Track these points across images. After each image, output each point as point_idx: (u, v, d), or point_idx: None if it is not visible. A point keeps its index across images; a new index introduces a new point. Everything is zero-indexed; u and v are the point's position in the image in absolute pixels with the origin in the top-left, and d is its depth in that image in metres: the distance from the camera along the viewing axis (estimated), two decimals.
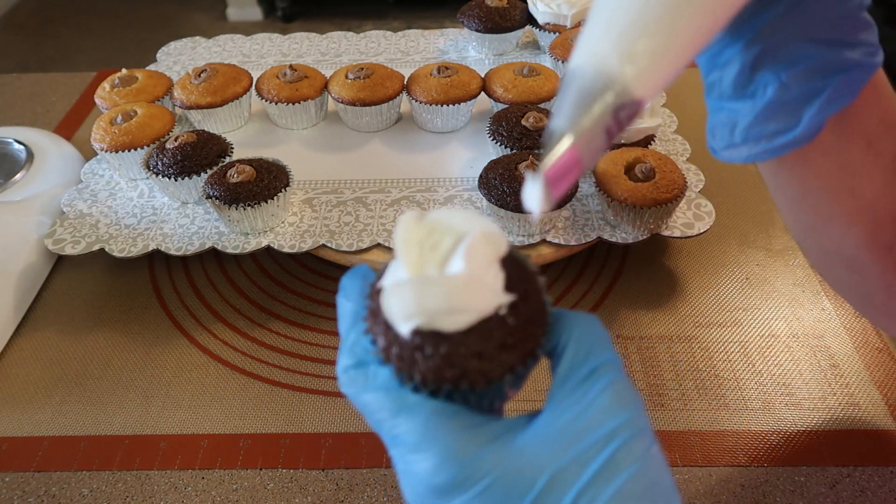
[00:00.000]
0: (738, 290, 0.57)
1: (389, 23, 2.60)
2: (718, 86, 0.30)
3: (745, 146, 0.30)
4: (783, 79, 0.28)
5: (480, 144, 0.65)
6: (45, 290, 0.60)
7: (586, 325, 0.24)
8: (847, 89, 0.28)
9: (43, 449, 0.48)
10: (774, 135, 0.29)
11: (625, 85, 0.22)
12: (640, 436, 0.22)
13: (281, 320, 0.56)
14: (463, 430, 0.23)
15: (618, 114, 0.22)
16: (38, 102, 0.86)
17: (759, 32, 0.28)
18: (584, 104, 0.22)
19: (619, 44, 0.22)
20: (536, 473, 0.21)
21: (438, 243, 0.23)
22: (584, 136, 0.22)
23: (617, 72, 0.22)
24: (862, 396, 0.48)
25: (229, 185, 0.53)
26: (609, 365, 0.23)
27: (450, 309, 0.22)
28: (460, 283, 0.22)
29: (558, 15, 0.75)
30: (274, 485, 0.45)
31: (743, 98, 0.29)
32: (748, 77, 0.29)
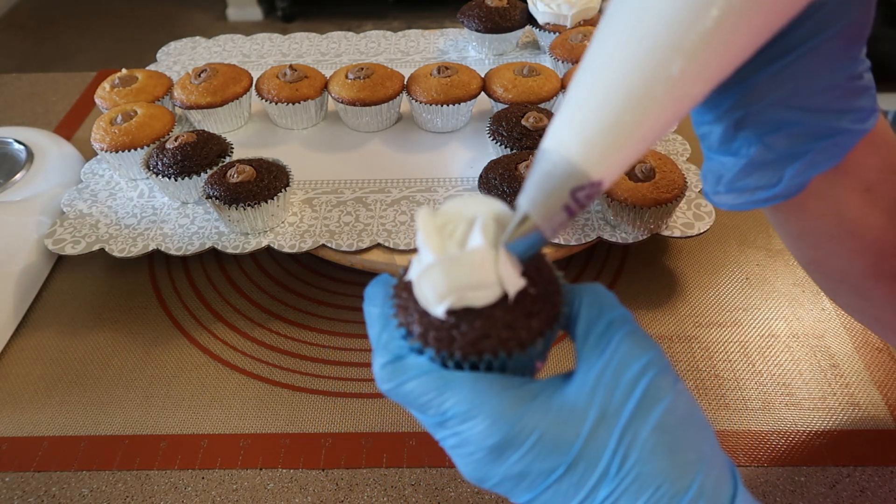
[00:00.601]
0: (738, 290, 0.57)
1: (389, 23, 2.60)
2: (707, 139, 0.31)
3: (729, 196, 0.31)
4: (765, 141, 0.28)
5: (480, 144, 0.65)
6: (45, 290, 0.60)
7: (593, 290, 0.27)
8: (831, 154, 0.28)
9: (43, 449, 0.48)
10: (755, 190, 0.30)
11: (583, 170, 0.24)
12: (665, 372, 0.24)
13: (281, 320, 0.56)
14: (507, 391, 0.24)
15: (575, 194, 0.24)
16: (38, 102, 0.86)
17: (742, 99, 0.28)
18: (545, 185, 0.24)
19: (579, 133, 0.24)
20: (581, 421, 0.23)
21: (454, 230, 0.25)
22: (545, 213, 0.24)
23: (575, 159, 0.24)
24: (862, 396, 0.48)
25: (229, 185, 0.53)
26: (622, 317, 0.25)
27: (478, 283, 0.24)
28: (481, 257, 0.24)
29: (558, 15, 0.75)
30: (274, 485, 0.45)
31: (728, 153, 0.30)
32: (732, 136, 0.29)
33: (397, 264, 0.53)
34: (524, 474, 0.24)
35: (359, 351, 0.54)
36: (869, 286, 0.32)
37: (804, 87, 0.27)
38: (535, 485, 0.24)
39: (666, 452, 0.23)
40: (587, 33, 0.71)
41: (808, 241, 0.33)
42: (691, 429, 0.24)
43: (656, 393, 0.23)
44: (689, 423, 0.24)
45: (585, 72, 0.25)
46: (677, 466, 0.23)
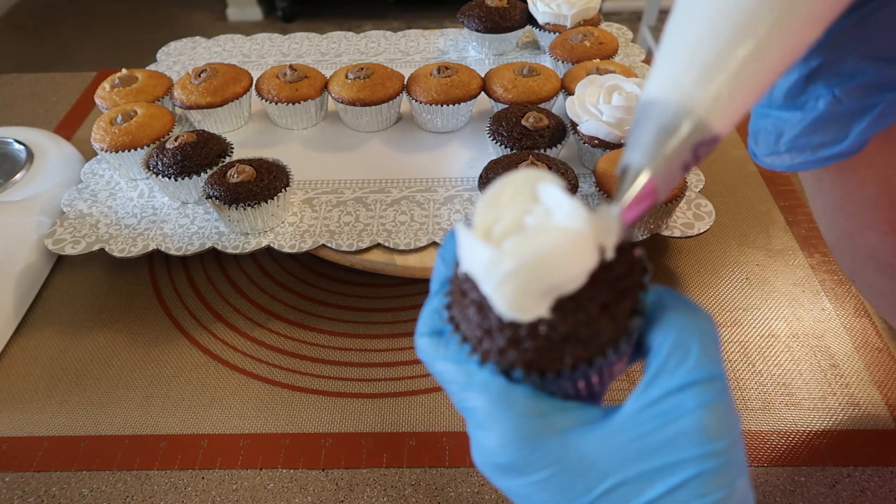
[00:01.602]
0: (738, 290, 0.57)
1: (389, 23, 2.60)
2: (771, 93, 0.30)
3: (789, 155, 0.30)
4: (837, 93, 0.28)
5: (480, 144, 0.65)
6: (45, 290, 0.60)
7: (693, 323, 0.21)
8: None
9: (43, 449, 0.48)
10: (820, 147, 0.29)
11: (707, 122, 0.21)
12: (724, 470, 0.20)
13: (281, 320, 0.56)
14: (528, 417, 0.22)
15: (697, 150, 0.22)
16: (38, 102, 0.86)
17: (822, 47, 0.27)
18: (663, 139, 0.22)
19: (702, 79, 0.21)
20: (597, 479, 0.21)
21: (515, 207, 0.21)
22: (663, 170, 0.22)
23: (700, 108, 0.21)
24: (862, 396, 0.48)
25: (229, 185, 0.53)
26: (709, 383, 0.20)
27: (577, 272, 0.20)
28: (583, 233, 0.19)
29: (558, 15, 0.75)
30: (274, 485, 0.45)
31: (793, 108, 0.29)
32: (801, 88, 0.29)
33: (397, 264, 0.53)
34: (526, 497, 0.22)
35: (359, 351, 0.54)
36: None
37: (885, 37, 0.26)
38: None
39: None
40: (587, 33, 0.71)
41: (847, 211, 0.33)
42: None
43: (696, 491, 0.20)
44: None
45: (692, 16, 0.22)
46: None
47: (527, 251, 0.19)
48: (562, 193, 0.20)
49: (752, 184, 0.67)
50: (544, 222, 0.20)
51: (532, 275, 0.19)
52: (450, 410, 0.49)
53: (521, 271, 0.19)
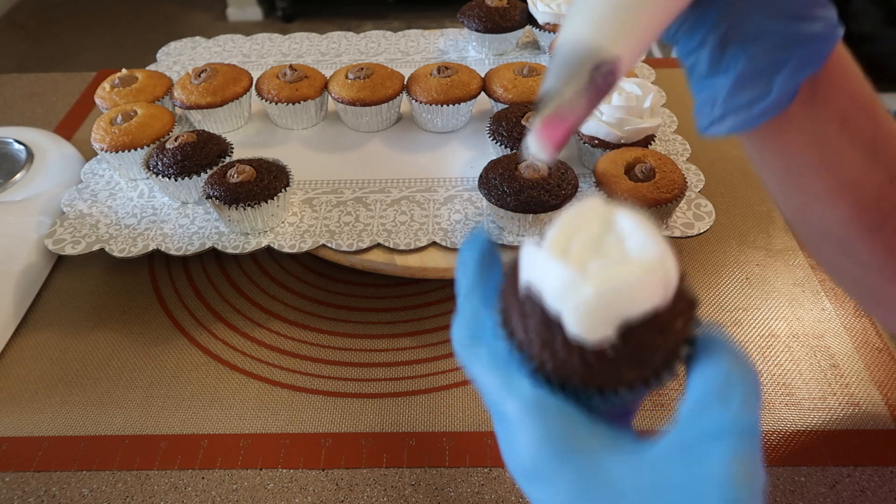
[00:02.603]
0: (738, 290, 0.57)
1: (389, 23, 2.60)
2: (696, 68, 0.32)
3: (727, 119, 0.32)
4: (750, 52, 0.30)
5: (480, 144, 0.65)
6: (45, 290, 0.60)
7: (740, 370, 0.21)
8: (812, 57, 0.29)
9: (43, 449, 0.48)
10: (751, 103, 0.31)
11: (599, 46, 0.25)
12: None
13: (281, 320, 0.56)
14: (562, 428, 0.22)
15: (596, 70, 0.25)
16: (38, 102, 0.86)
17: (723, 12, 0.30)
18: (566, 67, 0.25)
19: (588, 19, 0.26)
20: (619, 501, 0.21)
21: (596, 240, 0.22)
22: (570, 91, 0.25)
23: (590, 39, 0.25)
24: (862, 396, 0.48)
25: (229, 185, 0.53)
26: (746, 435, 0.20)
27: (645, 300, 0.21)
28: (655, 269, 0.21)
29: (558, 15, 0.75)
30: (274, 485, 0.45)
31: (718, 74, 0.31)
32: (719, 55, 0.31)
33: (397, 264, 0.53)
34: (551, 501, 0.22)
35: (359, 351, 0.54)
36: (851, 238, 0.33)
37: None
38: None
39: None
40: None
41: (792, 184, 0.34)
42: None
43: None
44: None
45: None
46: None
47: (608, 281, 0.20)
48: (638, 223, 0.22)
49: (752, 184, 0.67)
50: (622, 251, 0.21)
51: (609, 303, 0.20)
52: (450, 410, 0.49)
53: (600, 299, 0.20)
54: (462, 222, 0.56)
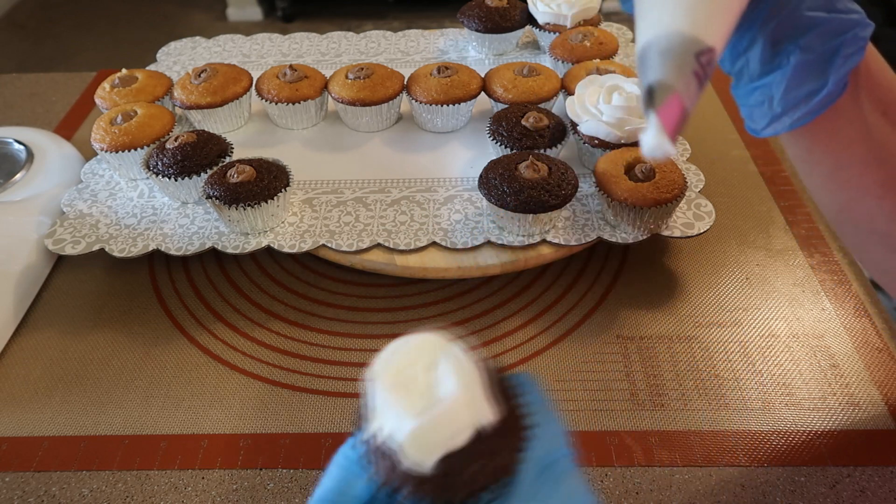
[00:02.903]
0: (738, 290, 0.57)
1: (389, 23, 2.60)
2: (746, 70, 0.33)
3: (787, 114, 0.33)
4: (801, 45, 0.31)
5: (480, 144, 0.65)
6: (45, 290, 0.60)
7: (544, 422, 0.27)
8: (858, 45, 0.31)
9: (43, 449, 0.48)
10: (809, 96, 0.32)
11: (697, 37, 0.26)
12: None
13: (281, 320, 0.56)
14: None
15: (699, 58, 0.26)
16: (38, 102, 0.86)
17: (770, 10, 0.31)
18: (670, 58, 0.26)
19: (678, 10, 0.27)
20: None
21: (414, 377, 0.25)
22: (680, 79, 0.26)
23: (686, 29, 0.26)
24: (862, 396, 0.48)
25: (229, 185, 0.53)
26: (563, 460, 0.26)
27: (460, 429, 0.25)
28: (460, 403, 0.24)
29: (558, 15, 0.75)
30: (274, 485, 0.45)
31: (772, 71, 0.32)
32: (771, 53, 0.32)
33: (397, 264, 0.53)
34: None
35: (359, 351, 0.54)
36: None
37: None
38: None
39: None
40: (587, 33, 0.71)
41: (841, 179, 0.35)
42: None
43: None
44: None
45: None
46: None
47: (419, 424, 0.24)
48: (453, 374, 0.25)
49: (752, 184, 0.67)
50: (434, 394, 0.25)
51: (424, 440, 0.24)
52: None
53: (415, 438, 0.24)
54: (462, 222, 0.56)
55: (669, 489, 0.44)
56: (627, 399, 0.49)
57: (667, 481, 0.44)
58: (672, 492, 0.43)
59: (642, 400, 0.49)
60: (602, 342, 0.53)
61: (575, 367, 0.51)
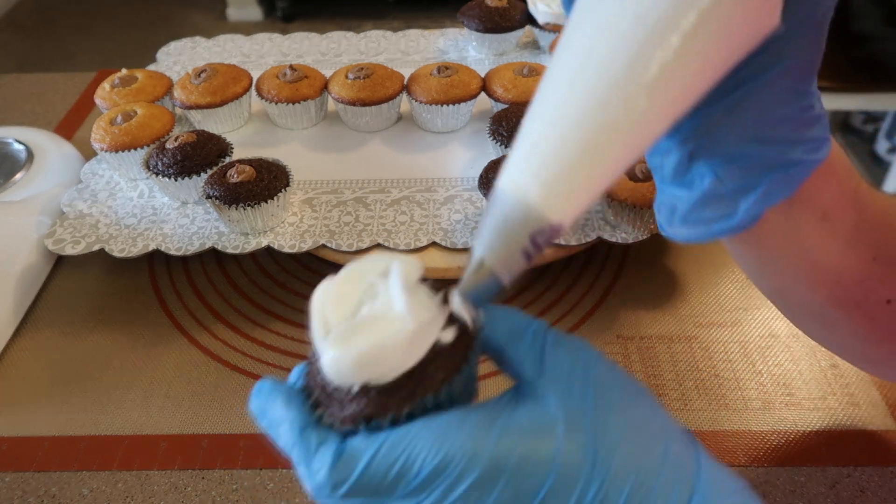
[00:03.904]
0: (738, 290, 0.57)
1: (389, 23, 2.60)
2: (660, 170, 0.30)
3: (684, 228, 0.30)
4: (718, 173, 0.28)
5: (480, 144, 0.65)
6: (45, 290, 0.60)
7: (499, 312, 0.27)
8: (785, 185, 0.27)
9: (43, 449, 0.48)
10: (711, 221, 0.29)
11: (542, 214, 0.23)
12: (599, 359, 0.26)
13: (281, 320, 0.56)
14: (466, 422, 0.24)
15: (535, 238, 0.24)
16: (38, 102, 0.86)
17: (696, 131, 0.27)
18: (502, 230, 0.24)
19: (537, 175, 0.23)
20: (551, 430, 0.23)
21: (349, 295, 0.25)
22: (503, 259, 0.24)
23: (534, 202, 0.23)
24: (862, 396, 0.48)
25: (229, 185, 0.53)
26: (540, 327, 0.27)
27: (407, 353, 0.24)
28: (409, 332, 0.23)
29: (558, 15, 0.75)
30: (274, 485, 0.45)
31: (681, 186, 0.29)
32: (685, 167, 0.29)
33: None
34: (517, 495, 0.23)
35: None
36: (831, 316, 0.32)
37: (756, 120, 0.26)
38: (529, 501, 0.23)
39: (635, 431, 0.24)
40: None
41: (768, 272, 0.33)
42: (644, 401, 0.25)
43: (606, 381, 0.25)
44: (640, 396, 0.25)
45: (542, 104, 0.24)
46: (647, 440, 0.24)
47: (356, 347, 0.23)
48: (400, 289, 0.24)
49: None
50: (382, 314, 0.24)
51: (364, 365, 0.23)
52: None
53: (355, 363, 0.23)
54: (462, 222, 0.56)
55: None
56: None
57: None
58: None
59: None
60: (602, 342, 0.53)
61: None
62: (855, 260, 0.30)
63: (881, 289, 0.30)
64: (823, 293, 0.31)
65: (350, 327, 0.24)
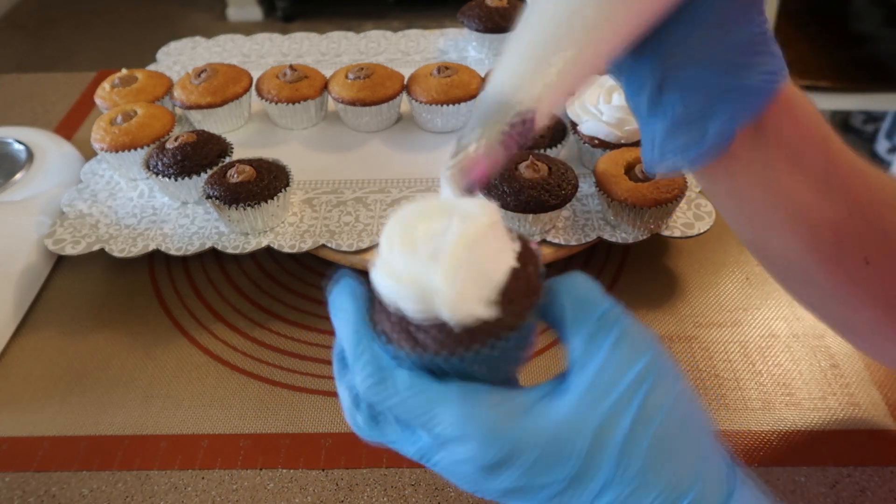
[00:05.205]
0: (738, 290, 0.57)
1: (389, 23, 2.60)
2: (638, 110, 0.32)
3: (665, 160, 0.32)
4: (684, 100, 0.30)
5: None
6: (45, 290, 0.60)
7: (574, 282, 0.27)
8: (746, 108, 0.29)
9: (43, 449, 0.48)
10: (685, 148, 0.31)
11: (514, 100, 0.27)
12: (664, 375, 0.24)
13: (281, 320, 0.56)
14: (499, 406, 0.24)
15: (513, 124, 0.27)
16: (38, 102, 0.86)
17: (658, 62, 0.30)
18: (483, 120, 0.27)
19: (509, 71, 0.28)
20: (578, 437, 0.23)
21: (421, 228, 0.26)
22: (483, 146, 0.27)
23: (508, 92, 0.27)
24: (862, 396, 0.48)
25: (229, 185, 0.53)
26: (612, 315, 0.25)
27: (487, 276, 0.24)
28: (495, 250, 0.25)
29: None
30: (274, 485, 0.45)
31: (655, 116, 0.31)
32: (657, 99, 0.31)
33: None
34: (524, 489, 0.24)
35: None
36: (812, 269, 0.33)
37: (708, 45, 0.29)
38: (536, 496, 0.24)
39: (667, 459, 0.23)
40: None
41: (745, 215, 0.34)
42: (690, 430, 0.24)
43: (655, 401, 0.24)
44: (689, 424, 0.24)
45: (518, 29, 0.29)
46: (678, 470, 0.23)
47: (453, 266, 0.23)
48: (451, 193, 0.27)
49: None
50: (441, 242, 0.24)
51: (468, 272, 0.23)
52: None
53: (451, 283, 0.23)
54: None
55: None
56: None
57: None
58: None
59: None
60: None
61: None
62: (829, 209, 0.31)
63: (859, 247, 0.31)
64: (800, 243, 0.32)
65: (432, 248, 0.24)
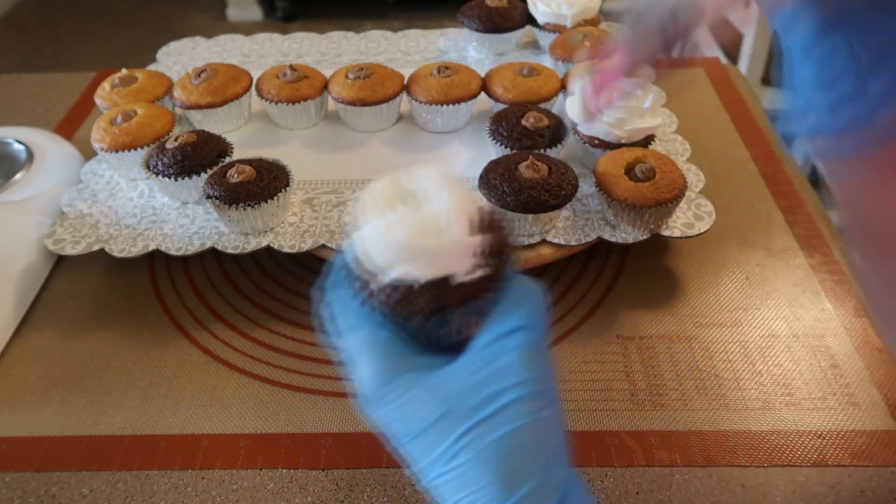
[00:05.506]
0: (738, 290, 0.57)
1: (389, 23, 2.60)
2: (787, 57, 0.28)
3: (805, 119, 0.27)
4: (854, 45, 0.25)
5: (480, 144, 0.65)
6: (45, 290, 0.60)
7: (523, 288, 0.28)
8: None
9: (43, 449, 0.48)
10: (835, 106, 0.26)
11: None
12: (535, 397, 0.26)
13: (281, 320, 0.56)
14: (387, 358, 0.28)
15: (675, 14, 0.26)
16: (38, 102, 0.86)
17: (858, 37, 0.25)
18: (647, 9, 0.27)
19: None
20: (435, 407, 0.26)
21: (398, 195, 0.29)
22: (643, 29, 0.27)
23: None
24: (862, 396, 0.48)
25: (229, 185, 0.53)
26: (529, 329, 0.27)
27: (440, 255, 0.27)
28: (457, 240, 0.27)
29: (558, 15, 0.75)
30: (274, 485, 0.45)
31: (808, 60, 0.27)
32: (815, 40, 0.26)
33: None
34: (390, 424, 0.27)
35: None
36: None
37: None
38: (398, 437, 0.27)
39: (494, 468, 0.25)
40: (587, 33, 0.71)
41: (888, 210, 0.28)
42: (534, 457, 0.25)
43: (514, 412, 0.25)
44: (540, 449, 0.26)
45: None
46: (501, 485, 0.25)
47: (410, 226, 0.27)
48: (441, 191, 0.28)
49: (752, 184, 0.67)
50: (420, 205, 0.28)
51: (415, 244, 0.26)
52: None
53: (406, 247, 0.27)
54: None
55: (669, 489, 0.44)
56: (627, 399, 0.49)
57: (667, 481, 0.44)
58: (672, 492, 0.43)
59: (642, 400, 0.49)
60: (602, 342, 0.53)
61: (575, 367, 0.51)
62: None
63: None
64: None
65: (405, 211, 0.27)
